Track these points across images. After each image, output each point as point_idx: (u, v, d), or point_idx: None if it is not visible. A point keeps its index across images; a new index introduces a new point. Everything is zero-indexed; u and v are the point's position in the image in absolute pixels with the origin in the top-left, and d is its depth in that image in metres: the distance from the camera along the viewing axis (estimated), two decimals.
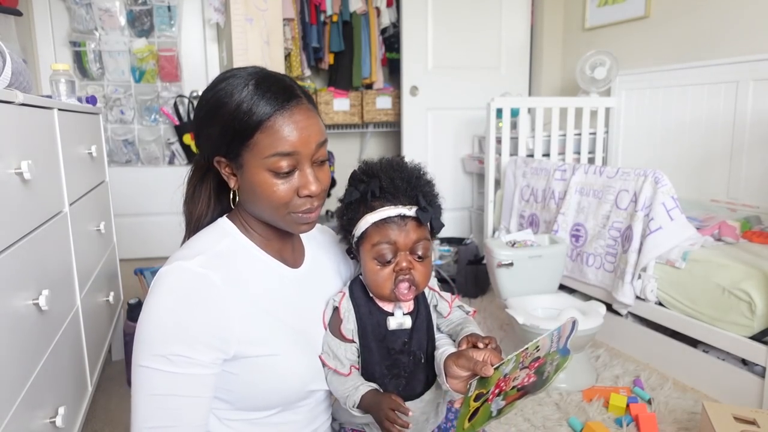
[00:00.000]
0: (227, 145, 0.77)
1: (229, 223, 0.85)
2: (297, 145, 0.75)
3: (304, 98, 0.79)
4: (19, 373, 0.95)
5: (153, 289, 0.73)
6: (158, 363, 0.70)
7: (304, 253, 0.94)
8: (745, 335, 1.66)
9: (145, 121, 3.30)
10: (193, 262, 0.74)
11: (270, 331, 0.79)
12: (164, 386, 0.71)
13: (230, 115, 0.75)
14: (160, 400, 0.71)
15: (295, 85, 0.80)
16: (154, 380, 0.71)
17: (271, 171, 0.76)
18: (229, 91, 0.76)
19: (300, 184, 0.78)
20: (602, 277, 2.15)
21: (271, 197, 0.77)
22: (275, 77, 0.79)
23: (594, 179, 2.26)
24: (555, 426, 1.61)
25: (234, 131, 0.75)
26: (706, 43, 2.59)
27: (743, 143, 2.37)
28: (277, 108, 0.74)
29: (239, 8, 2.53)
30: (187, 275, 0.73)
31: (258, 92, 0.75)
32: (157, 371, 0.70)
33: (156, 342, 0.71)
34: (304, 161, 0.77)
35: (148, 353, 0.71)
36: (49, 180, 1.22)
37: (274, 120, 0.74)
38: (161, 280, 0.73)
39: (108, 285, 1.87)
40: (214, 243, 0.80)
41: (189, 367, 0.71)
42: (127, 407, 1.78)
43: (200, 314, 0.72)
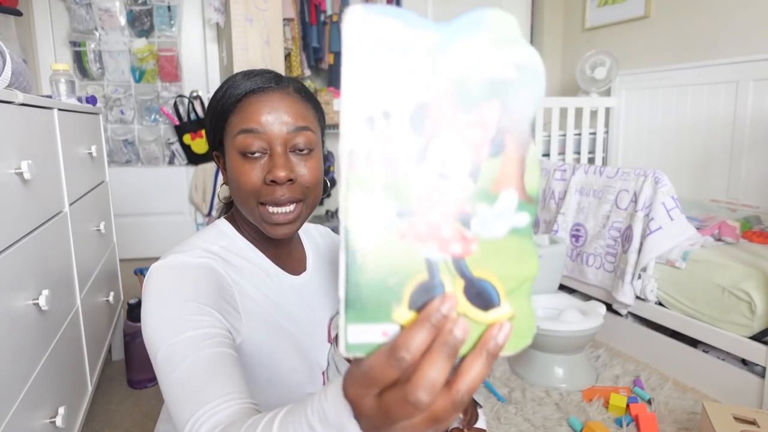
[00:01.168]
0: (213, 134, 0.78)
1: (227, 224, 0.82)
2: (263, 123, 0.72)
3: (291, 87, 0.76)
4: (19, 373, 0.95)
5: (147, 283, 0.68)
6: (172, 336, 0.62)
7: (305, 260, 0.89)
8: (745, 335, 1.66)
9: (145, 121, 3.30)
10: (190, 254, 0.71)
11: (267, 332, 0.77)
12: (186, 351, 0.61)
13: (216, 102, 0.76)
14: (188, 365, 0.60)
15: (288, 78, 0.78)
16: (175, 353, 0.61)
17: (240, 152, 0.72)
18: (222, 85, 0.77)
19: (268, 169, 0.72)
20: (602, 277, 2.15)
21: (239, 182, 0.73)
22: (268, 70, 0.78)
23: (594, 179, 2.26)
24: (555, 426, 1.61)
25: (216, 117, 0.76)
26: (706, 43, 2.59)
27: (743, 143, 2.37)
28: (251, 89, 0.73)
29: (239, 8, 2.53)
30: (183, 264, 0.70)
31: (242, 79, 0.75)
32: (174, 344, 0.62)
33: (163, 323, 0.64)
34: (275, 143, 0.72)
35: (160, 336, 0.63)
36: (49, 180, 1.22)
37: (246, 99, 0.73)
38: (155, 272, 0.69)
39: (108, 285, 1.87)
40: (211, 243, 0.77)
41: (203, 328, 0.63)
42: (127, 407, 1.79)
43: (204, 284, 0.68)
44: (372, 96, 0.31)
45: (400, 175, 0.32)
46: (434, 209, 0.32)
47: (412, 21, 0.32)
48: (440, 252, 0.33)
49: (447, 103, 0.32)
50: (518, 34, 0.33)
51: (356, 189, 0.31)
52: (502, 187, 0.33)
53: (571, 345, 1.82)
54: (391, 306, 0.32)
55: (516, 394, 1.79)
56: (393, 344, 0.32)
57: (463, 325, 0.32)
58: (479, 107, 0.32)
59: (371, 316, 0.32)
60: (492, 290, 0.33)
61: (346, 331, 0.32)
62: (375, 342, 0.32)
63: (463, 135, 0.32)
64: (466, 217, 0.33)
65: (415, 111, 0.32)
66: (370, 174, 0.31)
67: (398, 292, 0.32)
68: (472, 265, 0.33)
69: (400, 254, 0.32)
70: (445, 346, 0.31)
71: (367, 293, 0.32)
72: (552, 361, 1.84)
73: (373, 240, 0.32)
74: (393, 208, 0.32)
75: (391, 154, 0.31)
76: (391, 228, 0.32)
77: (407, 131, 0.32)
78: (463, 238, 0.33)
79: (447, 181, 0.32)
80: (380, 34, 0.31)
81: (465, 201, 0.33)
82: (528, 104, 0.33)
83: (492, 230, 0.33)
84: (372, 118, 0.31)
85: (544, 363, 1.85)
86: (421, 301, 0.32)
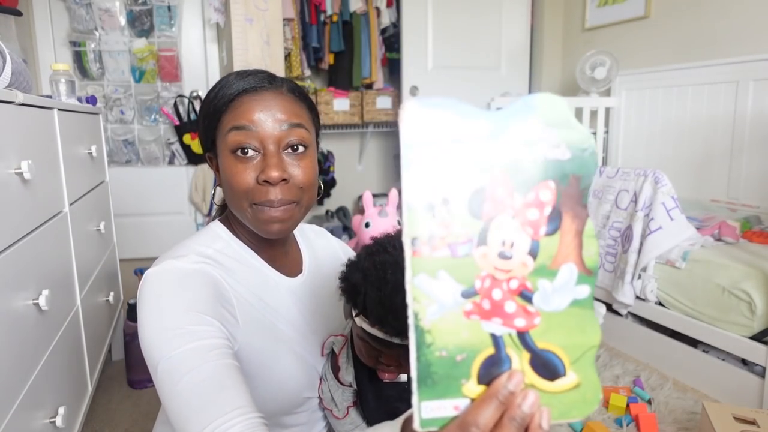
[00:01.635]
0: (206, 134, 0.77)
1: (222, 227, 0.80)
2: (255, 121, 0.70)
3: (284, 87, 0.75)
4: (19, 373, 0.95)
5: (143, 290, 0.67)
6: (173, 348, 0.61)
7: (301, 261, 0.88)
8: (745, 335, 1.66)
9: (145, 121, 3.30)
10: (184, 260, 0.70)
11: (264, 337, 0.76)
12: (189, 363, 0.60)
13: (208, 102, 0.76)
14: (191, 378, 0.59)
15: (282, 78, 0.77)
16: (177, 366, 0.60)
17: (232, 152, 0.71)
18: (215, 85, 0.77)
19: (260, 169, 0.70)
20: (602, 277, 2.15)
21: (232, 182, 0.71)
22: (261, 70, 0.77)
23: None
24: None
25: (208, 118, 0.75)
26: (706, 43, 2.59)
27: (743, 143, 2.37)
28: (244, 88, 0.73)
29: (239, 8, 2.53)
30: (179, 271, 0.68)
31: (235, 79, 0.74)
32: (175, 356, 0.61)
33: (163, 334, 0.63)
34: (267, 142, 0.71)
35: (159, 347, 0.62)
36: (49, 180, 1.22)
37: (238, 98, 0.73)
38: (151, 279, 0.67)
39: (108, 285, 1.87)
40: (206, 246, 0.75)
41: (205, 339, 0.63)
42: (127, 407, 1.79)
43: (201, 292, 0.67)
44: (430, 184, 0.33)
45: (462, 257, 0.34)
46: (497, 287, 0.34)
47: (465, 111, 0.34)
48: (505, 327, 0.34)
49: (503, 186, 0.34)
50: (568, 115, 0.34)
51: (421, 274, 0.33)
52: (561, 262, 0.34)
53: None
54: (461, 381, 0.34)
55: None
56: (463, 420, 0.33)
57: (532, 400, 0.33)
58: (535, 188, 0.34)
59: (442, 392, 0.34)
60: (557, 361, 0.35)
61: (420, 408, 0.34)
62: (448, 416, 0.34)
63: (521, 215, 0.34)
64: (529, 294, 0.35)
65: (473, 196, 0.33)
66: (433, 258, 0.33)
67: (467, 367, 0.34)
68: (537, 338, 0.35)
69: (467, 332, 0.34)
70: (513, 421, 0.33)
71: (437, 371, 0.34)
72: None
73: (440, 320, 0.33)
74: (458, 289, 0.34)
75: (452, 238, 0.33)
76: (456, 308, 0.34)
77: (466, 215, 0.33)
78: (526, 313, 0.34)
79: (507, 261, 0.34)
80: (435, 126, 0.33)
81: (526, 278, 0.34)
82: (582, 181, 0.34)
83: (554, 304, 0.35)
84: (432, 205, 0.33)
85: None
86: (489, 375, 0.34)
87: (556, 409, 0.35)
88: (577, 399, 0.35)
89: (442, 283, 0.33)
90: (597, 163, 0.35)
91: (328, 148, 3.59)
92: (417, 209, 0.33)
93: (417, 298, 0.33)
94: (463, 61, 3.43)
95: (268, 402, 0.77)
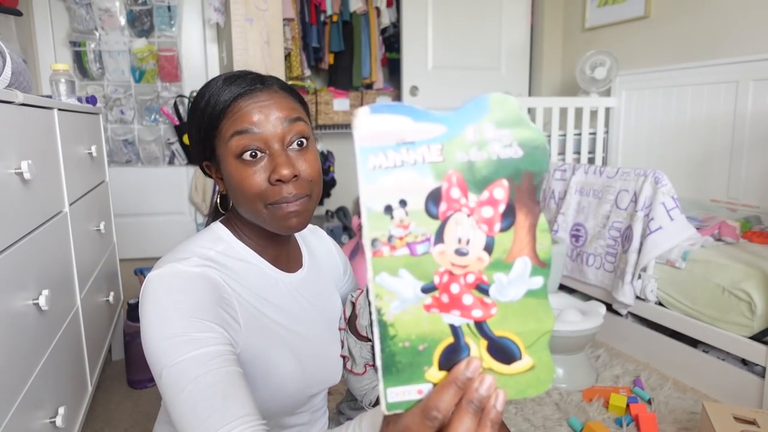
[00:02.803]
0: (203, 144, 0.77)
1: (223, 229, 0.80)
2: (256, 123, 0.71)
3: (275, 85, 0.76)
4: (19, 373, 0.95)
5: (145, 295, 0.67)
6: (177, 355, 0.62)
7: (300, 257, 0.90)
8: (745, 335, 1.66)
9: (145, 121, 3.30)
10: (186, 263, 0.70)
11: (265, 339, 0.76)
12: (194, 371, 0.61)
13: (201, 111, 0.75)
14: (196, 385, 0.60)
15: (269, 76, 0.77)
16: (181, 373, 0.61)
17: (238, 156, 0.71)
18: (202, 92, 0.76)
19: (270, 169, 0.71)
20: (602, 277, 2.15)
21: (243, 187, 0.71)
22: (247, 71, 0.77)
23: (594, 179, 2.26)
24: (555, 426, 1.61)
25: (205, 126, 0.75)
26: (706, 43, 2.59)
27: (743, 143, 2.37)
28: (239, 93, 0.73)
29: (239, 8, 2.53)
30: (181, 275, 0.68)
31: (224, 85, 0.74)
32: (180, 364, 0.62)
33: (167, 342, 0.63)
34: (272, 142, 0.71)
35: (164, 354, 0.63)
36: (49, 180, 1.22)
37: (234, 104, 0.72)
38: (153, 283, 0.68)
39: (108, 285, 1.87)
40: (208, 248, 0.76)
41: (209, 346, 0.64)
42: (127, 407, 1.79)
43: (204, 298, 0.68)
44: (387, 187, 0.35)
45: (421, 256, 0.36)
46: (455, 282, 0.36)
47: (418, 114, 0.35)
48: (463, 318, 0.37)
49: (458, 186, 0.35)
50: (520, 114, 0.35)
51: (382, 272, 0.35)
52: (515, 256, 0.36)
53: (571, 345, 1.82)
54: (423, 368, 0.37)
55: None
56: (425, 405, 0.36)
57: (488, 383, 0.36)
58: (489, 186, 0.35)
59: (406, 378, 0.37)
60: (513, 346, 0.37)
61: (386, 394, 0.36)
62: (412, 399, 0.37)
63: (476, 214, 0.36)
64: (485, 287, 0.37)
65: (429, 196, 0.35)
66: (393, 258, 0.35)
67: (428, 355, 0.37)
68: (494, 326, 0.37)
69: (428, 324, 0.36)
70: (471, 404, 0.35)
71: (401, 360, 0.36)
72: (552, 361, 1.84)
73: (402, 314, 0.36)
74: (417, 285, 0.36)
75: (410, 238, 0.35)
76: (417, 302, 0.36)
77: (423, 215, 0.35)
78: (483, 304, 0.37)
79: (464, 257, 0.36)
80: (388, 130, 0.34)
81: (482, 272, 0.36)
82: (534, 178, 0.36)
83: (509, 295, 0.37)
84: (390, 206, 0.35)
85: None
86: (450, 362, 0.37)
87: (512, 389, 0.37)
88: (532, 379, 0.38)
89: (402, 281, 0.36)
90: (549, 160, 0.36)
91: (328, 148, 3.59)
92: (375, 211, 0.35)
93: (380, 295, 0.35)
94: (463, 61, 3.43)
95: (270, 403, 0.77)
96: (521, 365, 0.37)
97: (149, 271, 0.71)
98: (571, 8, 3.40)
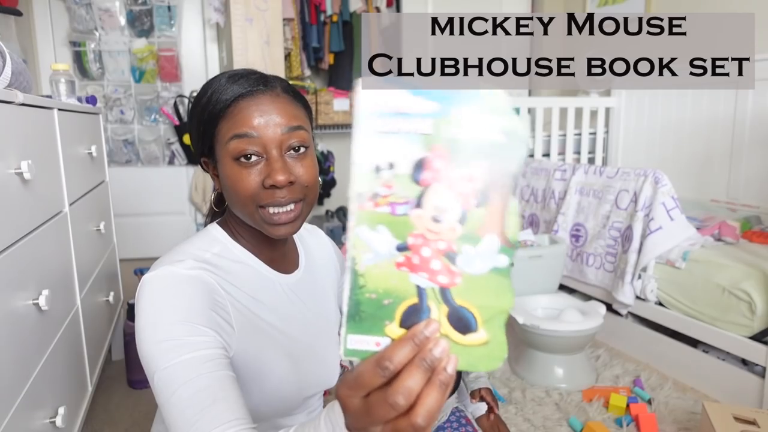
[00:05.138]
0: (202, 140, 0.77)
1: (220, 230, 0.80)
2: (256, 127, 0.71)
3: (279, 87, 0.75)
4: (19, 373, 0.95)
5: (140, 297, 0.68)
6: (169, 359, 0.63)
7: (297, 258, 0.89)
8: (745, 335, 1.66)
9: (145, 121, 3.30)
10: (180, 266, 0.70)
11: (260, 342, 0.76)
12: (184, 375, 0.62)
13: (202, 108, 0.75)
14: (186, 389, 0.61)
15: (271, 77, 0.77)
16: (172, 377, 0.62)
17: (235, 159, 0.71)
18: (205, 89, 0.76)
19: (266, 173, 0.71)
20: (602, 277, 2.15)
21: (237, 188, 0.72)
22: (252, 70, 0.77)
23: (594, 179, 2.26)
24: (555, 426, 1.61)
25: (204, 124, 0.75)
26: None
27: (743, 143, 2.37)
28: (239, 93, 0.72)
29: (239, 8, 2.53)
30: (175, 277, 0.69)
31: (227, 83, 0.74)
32: (171, 367, 0.63)
33: (160, 345, 0.64)
34: (270, 147, 0.71)
35: (157, 358, 0.64)
36: (49, 180, 1.22)
37: (234, 104, 0.72)
38: (148, 285, 0.68)
39: (108, 285, 1.87)
40: (204, 251, 0.76)
41: (200, 350, 0.64)
42: (127, 407, 1.79)
43: (198, 301, 0.68)
44: (379, 149, 0.38)
45: (400, 216, 0.38)
46: (427, 246, 0.39)
47: (418, 91, 0.38)
48: (429, 281, 0.39)
49: (443, 159, 0.38)
50: (508, 106, 0.38)
51: (362, 225, 0.38)
52: (485, 232, 0.39)
53: (571, 345, 1.82)
54: (384, 322, 0.39)
55: (516, 394, 1.79)
56: (380, 355, 0.38)
57: (443, 347, 0.38)
58: (470, 164, 0.38)
59: (367, 328, 0.39)
60: (471, 317, 0.39)
61: (346, 339, 0.38)
62: (369, 350, 0.39)
63: (455, 186, 0.38)
64: (454, 255, 0.39)
65: (416, 164, 0.38)
66: (375, 213, 0.38)
67: (391, 311, 0.39)
68: (456, 295, 0.39)
69: (396, 281, 0.39)
70: (423, 361, 0.37)
71: (365, 309, 0.39)
72: (552, 361, 1.84)
73: (374, 267, 0.38)
74: (392, 243, 0.38)
75: (393, 198, 0.38)
76: (389, 259, 0.38)
77: (408, 180, 0.38)
78: (450, 272, 0.39)
79: (439, 224, 0.38)
80: (387, 98, 0.37)
81: (453, 241, 0.39)
82: (511, 164, 0.38)
83: (475, 267, 0.39)
84: (379, 167, 0.38)
85: (544, 363, 1.85)
86: (410, 321, 0.39)
87: (464, 360, 0.39)
88: (484, 354, 0.39)
89: (380, 236, 0.38)
90: (527, 150, 0.39)
91: (328, 148, 3.59)
92: (365, 168, 0.38)
93: (356, 246, 0.38)
94: None
95: (265, 405, 0.77)
96: (476, 338, 0.39)
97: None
98: (571, 8, 3.40)
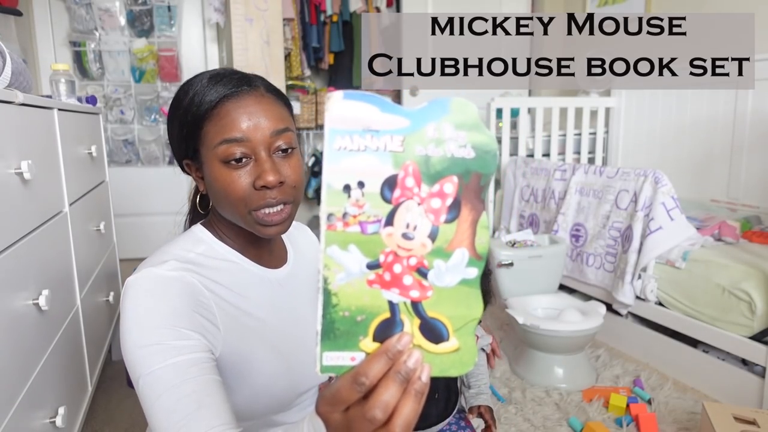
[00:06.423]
0: (186, 143, 0.76)
1: (204, 230, 0.80)
2: (245, 131, 0.71)
3: (262, 87, 0.75)
4: (19, 373, 0.95)
5: (124, 300, 0.68)
6: (154, 363, 0.63)
7: (285, 254, 0.89)
8: (745, 335, 1.66)
9: (145, 121, 3.30)
10: (163, 267, 0.70)
11: (247, 341, 0.75)
12: (169, 379, 0.63)
13: (184, 110, 0.74)
14: (171, 394, 0.62)
15: (253, 76, 0.76)
16: (157, 381, 0.63)
17: (224, 162, 0.71)
18: (185, 89, 0.75)
19: (256, 175, 0.71)
20: (602, 277, 2.15)
21: (227, 191, 0.72)
22: (232, 70, 0.76)
23: (594, 179, 2.26)
24: (555, 426, 1.61)
25: (187, 126, 0.74)
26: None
27: (743, 143, 2.37)
28: (224, 95, 0.72)
29: (239, 8, 2.53)
30: (158, 279, 0.69)
31: (209, 84, 0.73)
32: (156, 372, 0.63)
33: (145, 350, 0.64)
34: (258, 149, 0.71)
35: (141, 362, 0.64)
36: (49, 180, 1.22)
37: (220, 107, 0.72)
38: (132, 289, 0.68)
39: (108, 285, 1.87)
40: (187, 251, 0.75)
41: (185, 354, 0.64)
42: (127, 407, 1.78)
43: (181, 304, 0.68)
44: (349, 168, 0.38)
45: (370, 235, 0.39)
46: (398, 263, 0.40)
47: (387, 107, 0.38)
48: (401, 297, 0.40)
49: (413, 176, 0.38)
50: (477, 120, 0.38)
51: (333, 245, 0.38)
52: (455, 246, 0.40)
53: (571, 345, 1.82)
54: (359, 338, 0.40)
55: (516, 394, 1.79)
56: (356, 371, 0.39)
57: (416, 358, 0.39)
58: (440, 181, 0.39)
59: (342, 345, 0.40)
60: (443, 327, 0.41)
61: (321, 357, 0.39)
62: (345, 365, 0.40)
63: (426, 203, 0.39)
64: (425, 270, 0.40)
65: (385, 182, 0.38)
66: (345, 233, 0.38)
67: (365, 326, 0.40)
68: (428, 308, 0.40)
69: (368, 298, 0.40)
70: (398, 375, 0.38)
71: (340, 327, 0.39)
72: (552, 361, 1.84)
73: (346, 286, 0.39)
74: (364, 261, 0.39)
75: (363, 217, 0.38)
76: (361, 277, 0.39)
77: (377, 198, 0.38)
78: (421, 287, 0.40)
79: (410, 241, 0.39)
80: (357, 116, 0.37)
81: (424, 257, 0.40)
82: (482, 179, 0.39)
83: (445, 281, 0.40)
84: (348, 186, 0.38)
85: (544, 363, 1.85)
86: (384, 335, 0.40)
87: (437, 367, 0.40)
88: (456, 360, 0.41)
89: (351, 255, 0.39)
90: (497, 165, 0.39)
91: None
92: (335, 189, 0.38)
93: (328, 266, 0.39)
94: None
95: (256, 402, 0.77)
96: (448, 346, 0.41)
97: None
98: (571, 8, 3.40)
